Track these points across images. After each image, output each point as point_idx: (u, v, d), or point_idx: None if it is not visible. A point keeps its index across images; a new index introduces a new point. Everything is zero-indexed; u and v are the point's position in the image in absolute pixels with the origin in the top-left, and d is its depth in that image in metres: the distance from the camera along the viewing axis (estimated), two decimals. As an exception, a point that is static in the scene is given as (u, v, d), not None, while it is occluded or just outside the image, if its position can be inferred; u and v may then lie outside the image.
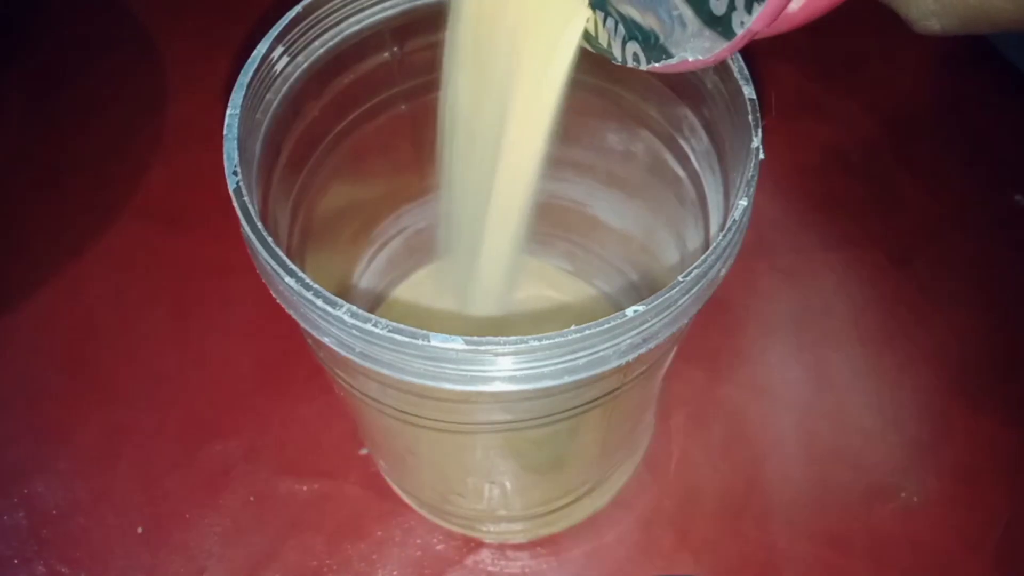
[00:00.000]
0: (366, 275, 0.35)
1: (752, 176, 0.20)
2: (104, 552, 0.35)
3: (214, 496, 0.36)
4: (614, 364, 0.19)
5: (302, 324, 0.20)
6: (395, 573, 0.34)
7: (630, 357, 0.19)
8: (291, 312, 0.20)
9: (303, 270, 0.19)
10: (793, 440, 0.37)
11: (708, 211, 0.26)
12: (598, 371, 0.19)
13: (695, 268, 0.19)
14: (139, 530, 0.35)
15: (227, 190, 0.20)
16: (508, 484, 0.30)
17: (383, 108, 0.28)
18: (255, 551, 0.35)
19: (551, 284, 0.37)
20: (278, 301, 0.20)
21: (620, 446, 0.32)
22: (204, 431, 0.37)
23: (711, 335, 0.39)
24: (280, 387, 0.39)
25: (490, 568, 0.34)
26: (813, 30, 0.35)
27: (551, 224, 0.35)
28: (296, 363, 0.39)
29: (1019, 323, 0.40)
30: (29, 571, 0.34)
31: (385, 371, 0.19)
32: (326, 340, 0.20)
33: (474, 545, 0.35)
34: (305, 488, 0.36)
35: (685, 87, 0.25)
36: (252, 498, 0.36)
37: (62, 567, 0.34)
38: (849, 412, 0.38)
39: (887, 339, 0.40)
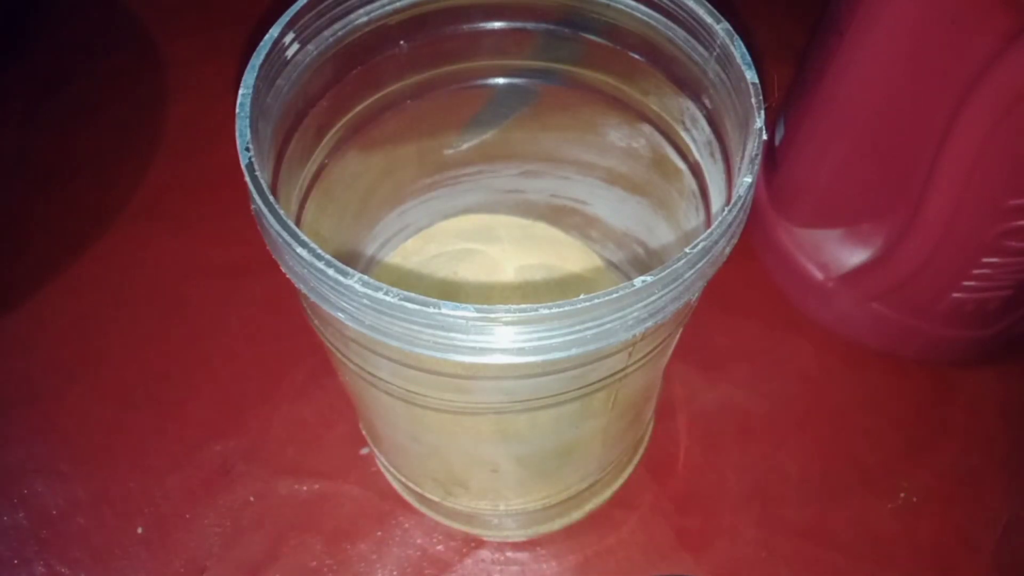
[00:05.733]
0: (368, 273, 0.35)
1: (756, 155, 0.21)
2: (104, 552, 0.35)
3: (214, 496, 0.36)
4: (621, 338, 0.19)
5: (312, 299, 0.20)
6: (395, 573, 0.34)
7: (637, 331, 0.20)
8: (301, 287, 0.20)
9: None
10: (792, 440, 0.37)
11: (709, 201, 0.26)
12: (605, 344, 0.19)
13: (701, 241, 0.19)
14: (139, 530, 0.35)
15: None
16: (511, 473, 0.30)
17: (390, 102, 0.28)
18: (255, 551, 0.35)
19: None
20: (288, 276, 0.20)
21: (621, 438, 0.32)
22: (204, 431, 0.37)
23: (711, 335, 0.40)
24: (281, 387, 0.39)
25: (490, 568, 0.34)
26: (813, 31, 0.36)
27: (551, 222, 0.35)
28: (297, 363, 0.39)
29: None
30: (29, 571, 0.34)
31: (394, 343, 0.19)
32: (337, 315, 0.20)
33: (474, 545, 0.35)
34: (305, 488, 0.36)
35: (687, 78, 0.26)
36: (252, 498, 0.36)
37: (62, 567, 0.34)
38: (849, 412, 0.38)
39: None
